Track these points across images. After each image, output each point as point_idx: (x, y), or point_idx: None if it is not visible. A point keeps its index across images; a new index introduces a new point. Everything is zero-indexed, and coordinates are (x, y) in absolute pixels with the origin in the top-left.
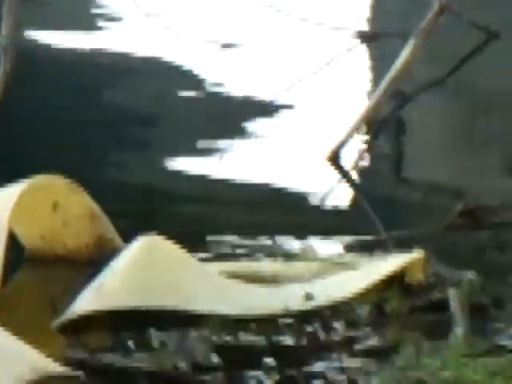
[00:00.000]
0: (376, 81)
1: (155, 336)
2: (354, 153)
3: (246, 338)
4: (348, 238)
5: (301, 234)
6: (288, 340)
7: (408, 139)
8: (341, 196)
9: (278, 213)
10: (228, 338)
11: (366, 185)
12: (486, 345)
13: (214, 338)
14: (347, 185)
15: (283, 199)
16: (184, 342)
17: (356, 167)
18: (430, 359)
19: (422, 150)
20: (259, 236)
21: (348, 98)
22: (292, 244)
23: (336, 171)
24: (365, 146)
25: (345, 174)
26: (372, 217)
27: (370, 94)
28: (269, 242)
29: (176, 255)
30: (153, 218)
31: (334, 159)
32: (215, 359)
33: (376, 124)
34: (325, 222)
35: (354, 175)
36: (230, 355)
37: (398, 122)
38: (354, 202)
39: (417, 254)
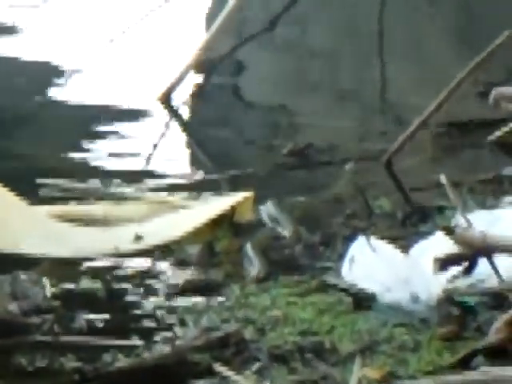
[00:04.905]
0: (209, 20)
1: None
2: (186, 93)
3: (81, 281)
4: (178, 179)
5: (132, 177)
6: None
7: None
8: (173, 137)
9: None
10: (61, 282)
11: (196, 125)
12: (314, 283)
13: (46, 280)
14: (178, 125)
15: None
16: (15, 285)
17: (188, 107)
18: (258, 298)
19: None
20: (90, 179)
21: (181, 38)
22: (122, 187)
23: (168, 112)
24: (197, 86)
25: (176, 115)
26: (202, 157)
27: (203, 33)
28: (99, 185)
29: (2, 197)
30: None
31: (166, 100)
32: (49, 302)
33: (210, 63)
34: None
35: (185, 115)
36: (64, 298)
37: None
38: (186, 143)
39: (246, 194)
